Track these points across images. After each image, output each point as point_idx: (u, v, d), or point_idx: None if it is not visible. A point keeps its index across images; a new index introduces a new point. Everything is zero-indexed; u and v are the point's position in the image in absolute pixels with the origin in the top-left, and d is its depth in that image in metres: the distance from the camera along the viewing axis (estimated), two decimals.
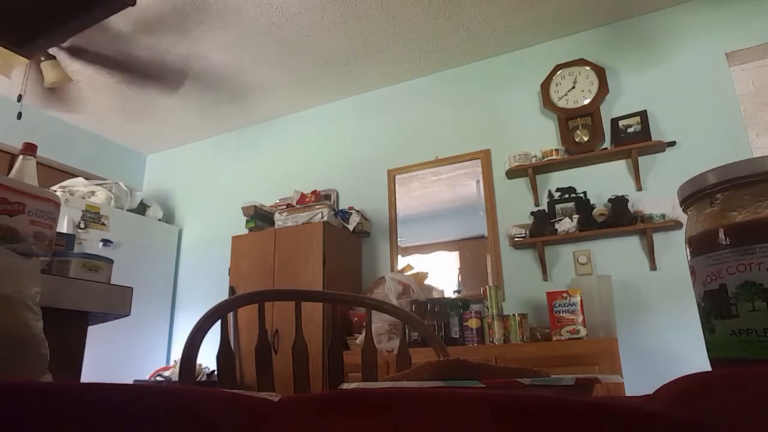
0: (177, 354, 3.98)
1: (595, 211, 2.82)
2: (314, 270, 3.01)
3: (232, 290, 3.28)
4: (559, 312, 2.41)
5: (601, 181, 2.92)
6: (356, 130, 3.83)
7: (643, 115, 2.89)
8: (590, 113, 3.01)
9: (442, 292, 3.12)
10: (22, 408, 0.24)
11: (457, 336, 2.73)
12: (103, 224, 3.67)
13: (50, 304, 0.77)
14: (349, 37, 3.23)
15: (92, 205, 3.65)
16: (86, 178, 3.90)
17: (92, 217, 3.60)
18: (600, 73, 3.04)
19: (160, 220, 4.30)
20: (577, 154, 2.96)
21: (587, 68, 3.07)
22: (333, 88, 3.80)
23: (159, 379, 3.58)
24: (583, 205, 2.89)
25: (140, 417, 0.26)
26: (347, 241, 3.36)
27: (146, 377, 3.66)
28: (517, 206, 3.10)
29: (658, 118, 2.88)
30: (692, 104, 2.83)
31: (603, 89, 3.02)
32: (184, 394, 0.28)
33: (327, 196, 3.59)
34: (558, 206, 2.97)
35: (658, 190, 2.77)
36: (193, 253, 4.29)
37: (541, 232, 2.90)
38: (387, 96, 3.79)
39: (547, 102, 3.13)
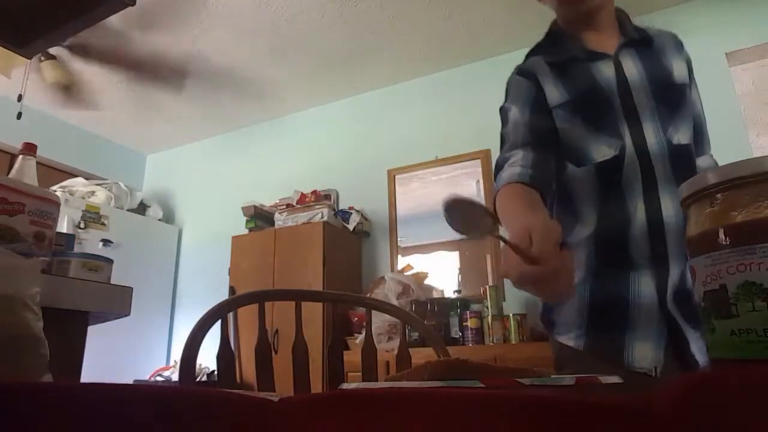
0: (177, 354, 3.97)
1: None
2: (314, 270, 3.01)
3: (232, 290, 3.28)
4: None
5: None
6: (356, 130, 3.83)
7: None
8: None
9: (442, 292, 3.12)
10: (22, 408, 0.24)
11: (457, 336, 2.73)
12: (103, 224, 3.67)
13: (50, 304, 0.77)
14: (349, 37, 3.23)
15: (92, 205, 3.65)
16: (86, 178, 3.90)
17: (92, 217, 3.60)
18: None
19: (160, 220, 4.30)
20: None
21: None
22: (333, 88, 3.80)
23: (159, 379, 3.58)
24: None
25: (140, 417, 0.26)
26: (347, 241, 3.36)
27: (146, 377, 3.65)
28: None
29: None
30: None
31: None
32: (185, 394, 0.28)
33: (327, 196, 3.59)
34: None
35: None
36: (193, 253, 4.29)
37: None
38: (387, 96, 3.79)
39: None
